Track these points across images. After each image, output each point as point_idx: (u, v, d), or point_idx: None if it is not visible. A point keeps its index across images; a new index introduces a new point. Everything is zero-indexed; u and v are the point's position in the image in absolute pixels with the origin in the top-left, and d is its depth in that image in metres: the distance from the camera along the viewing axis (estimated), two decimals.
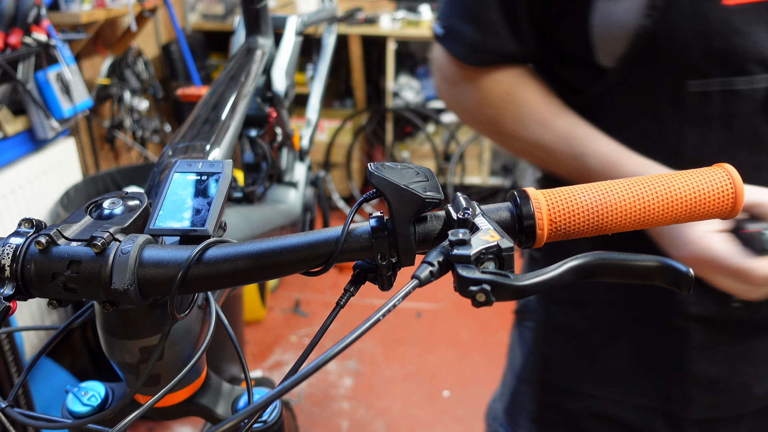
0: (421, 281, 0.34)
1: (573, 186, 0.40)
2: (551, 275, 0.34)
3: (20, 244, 0.37)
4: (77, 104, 1.91)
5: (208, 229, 0.42)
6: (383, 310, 0.32)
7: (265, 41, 1.02)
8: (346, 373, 2.19)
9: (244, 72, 0.85)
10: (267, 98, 1.02)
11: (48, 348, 0.48)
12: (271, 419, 0.56)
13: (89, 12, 2.11)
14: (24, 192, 1.77)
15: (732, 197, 0.40)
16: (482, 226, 0.36)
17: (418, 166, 0.42)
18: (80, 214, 0.41)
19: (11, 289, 0.37)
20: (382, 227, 0.38)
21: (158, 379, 0.47)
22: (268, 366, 2.22)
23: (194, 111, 0.71)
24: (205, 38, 3.30)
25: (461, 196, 0.39)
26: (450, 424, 1.96)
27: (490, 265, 0.34)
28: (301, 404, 2.04)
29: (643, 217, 0.40)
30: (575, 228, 0.39)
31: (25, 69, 1.74)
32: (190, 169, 0.47)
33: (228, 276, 0.38)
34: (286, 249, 0.38)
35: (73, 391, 0.53)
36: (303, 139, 1.28)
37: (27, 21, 1.69)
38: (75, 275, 0.37)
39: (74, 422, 0.49)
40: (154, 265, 0.38)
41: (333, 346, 0.30)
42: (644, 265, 0.36)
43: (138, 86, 2.61)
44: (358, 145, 3.47)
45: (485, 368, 2.22)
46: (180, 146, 0.61)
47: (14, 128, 1.77)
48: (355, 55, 3.21)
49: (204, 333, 0.50)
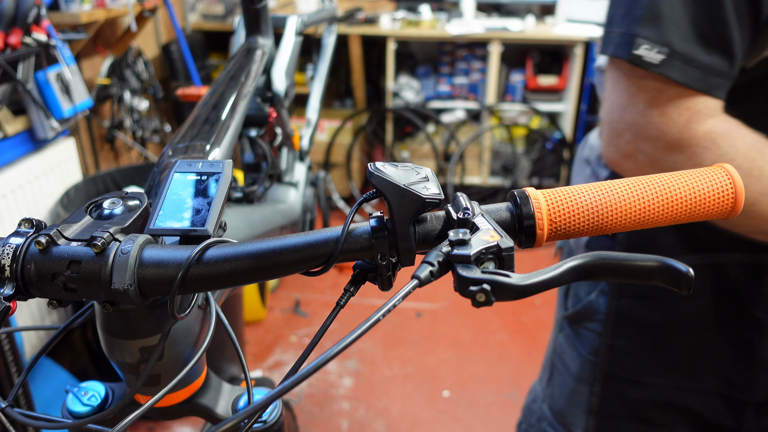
0: (421, 281, 0.34)
1: (573, 186, 0.40)
2: (551, 275, 0.34)
3: (20, 244, 0.37)
4: (77, 104, 1.91)
5: (208, 229, 0.42)
6: (383, 310, 0.32)
7: (265, 41, 1.02)
8: (346, 373, 2.19)
9: (244, 72, 0.85)
10: (267, 98, 1.02)
11: (48, 348, 0.48)
12: (271, 419, 0.56)
13: (89, 12, 2.11)
14: (24, 192, 1.77)
15: (732, 197, 0.40)
16: (482, 226, 0.36)
17: (418, 166, 0.42)
18: (80, 214, 0.41)
19: (11, 289, 0.37)
20: (382, 227, 0.38)
21: (158, 379, 0.47)
22: (268, 366, 2.22)
23: (194, 111, 0.70)
24: (205, 38, 3.30)
25: (461, 196, 0.39)
26: (450, 424, 1.96)
27: (490, 265, 0.34)
28: (301, 404, 2.04)
29: (643, 217, 0.40)
30: (575, 228, 0.39)
31: (25, 69, 1.74)
32: (190, 169, 0.47)
33: (228, 276, 0.38)
34: (286, 249, 0.38)
35: (73, 391, 0.53)
36: (303, 139, 1.28)
37: (27, 21, 1.69)
38: (75, 275, 0.37)
39: (74, 422, 0.49)
40: (154, 265, 0.38)
41: (333, 346, 0.30)
42: (644, 265, 0.36)
43: (138, 86, 2.61)
44: (358, 145, 3.47)
45: (485, 368, 2.22)
46: (180, 146, 0.61)
47: (14, 128, 1.77)
48: (355, 55, 3.21)
49: (204, 333, 0.50)
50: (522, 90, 3.36)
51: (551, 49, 3.32)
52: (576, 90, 3.16)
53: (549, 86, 3.29)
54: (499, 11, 3.42)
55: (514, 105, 3.35)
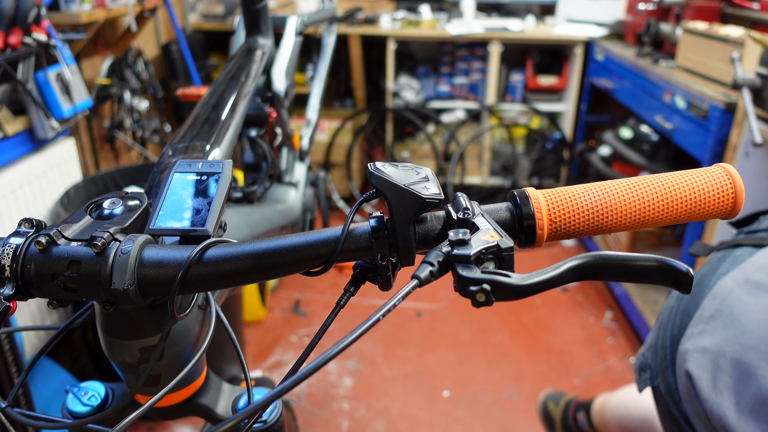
0: (421, 281, 0.34)
1: (573, 186, 0.40)
2: (551, 275, 0.34)
3: (20, 244, 0.37)
4: (77, 104, 1.91)
5: (208, 229, 0.42)
6: (383, 310, 0.32)
7: (265, 41, 1.02)
8: (346, 373, 2.19)
9: (244, 72, 0.85)
10: (267, 98, 1.02)
11: (48, 348, 0.48)
12: (271, 419, 0.56)
13: (89, 12, 2.11)
14: (24, 192, 1.77)
15: (732, 197, 0.40)
16: (482, 226, 0.36)
17: (418, 166, 0.42)
18: (80, 214, 0.41)
19: (11, 289, 0.37)
20: (382, 227, 0.38)
21: (158, 379, 0.47)
22: (268, 366, 2.22)
23: (194, 111, 0.70)
24: (205, 38, 3.29)
25: (461, 196, 0.39)
26: (450, 424, 1.96)
27: (490, 265, 0.34)
28: (301, 404, 2.04)
29: (643, 217, 0.40)
30: (575, 228, 0.39)
31: (25, 69, 1.74)
32: (190, 169, 0.47)
33: (228, 276, 0.38)
34: (286, 249, 0.38)
35: (73, 391, 0.53)
36: (303, 139, 1.28)
37: (27, 21, 1.69)
38: (75, 275, 0.37)
39: (74, 422, 0.49)
40: (154, 265, 0.38)
41: (333, 346, 0.30)
42: (644, 265, 0.35)
43: (138, 86, 2.61)
44: (358, 145, 3.47)
45: (485, 368, 2.22)
46: (180, 146, 0.61)
47: (14, 128, 1.77)
48: (355, 55, 3.21)
49: (204, 333, 0.50)
50: (522, 90, 3.36)
51: (551, 49, 3.32)
52: (576, 90, 3.16)
53: (549, 86, 3.29)
54: (499, 11, 3.42)
55: (514, 105, 3.34)
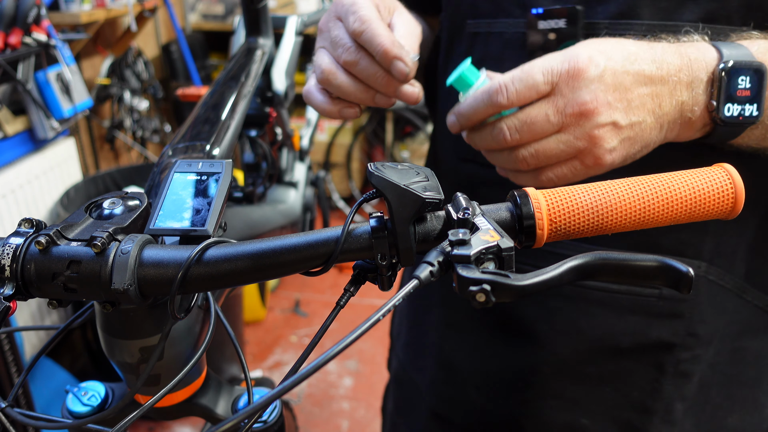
0: (421, 281, 0.34)
1: (573, 186, 0.40)
2: (551, 275, 0.33)
3: (20, 244, 0.37)
4: (77, 104, 1.91)
5: (208, 229, 0.42)
6: (383, 310, 0.32)
7: (265, 41, 1.02)
8: (346, 373, 2.19)
9: (244, 72, 0.85)
10: (267, 98, 1.02)
11: (48, 348, 0.48)
12: (271, 419, 0.56)
13: (89, 12, 2.11)
14: (24, 192, 1.77)
15: (732, 197, 0.40)
16: (482, 226, 0.36)
17: (419, 166, 0.42)
18: (80, 214, 0.41)
19: (11, 289, 0.37)
20: (382, 227, 0.38)
21: (158, 379, 0.47)
22: (268, 366, 2.22)
23: (194, 111, 0.70)
24: (205, 38, 3.30)
25: (461, 195, 0.39)
26: None
27: (490, 265, 0.34)
28: (301, 404, 2.04)
29: (643, 217, 0.40)
30: (575, 228, 0.39)
31: (25, 69, 1.74)
32: (190, 169, 0.47)
33: (228, 276, 0.38)
34: (286, 249, 0.38)
35: (73, 391, 0.53)
36: (303, 139, 1.28)
37: (27, 21, 1.69)
38: (75, 275, 0.37)
39: (74, 422, 0.49)
40: (154, 265, 0.38)
41: (333, 346, 0.30)
42: (644, 265, 0.35)
43: (138, 86, 2.61)
44: (358, 145, 3.47)
45: None
46: (180, 146, 0.61)
47: (14, 128, 1.77)
48: None
49: (204, 333, 0.50)
50: None
51: None
52: None
53: None
54: None
55: None
